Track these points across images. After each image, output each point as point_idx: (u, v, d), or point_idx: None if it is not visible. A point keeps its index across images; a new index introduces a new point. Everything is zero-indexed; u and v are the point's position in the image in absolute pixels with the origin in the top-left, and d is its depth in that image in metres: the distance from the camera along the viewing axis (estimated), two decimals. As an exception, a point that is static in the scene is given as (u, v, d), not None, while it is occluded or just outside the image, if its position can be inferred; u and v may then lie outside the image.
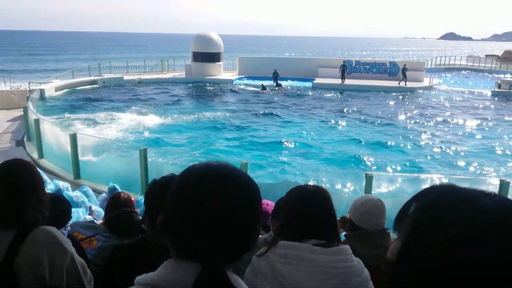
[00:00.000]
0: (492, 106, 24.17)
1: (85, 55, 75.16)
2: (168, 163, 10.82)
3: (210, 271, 0.92)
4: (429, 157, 14.01)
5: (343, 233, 2.62)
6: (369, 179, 7.78)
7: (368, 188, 7.70)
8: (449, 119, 19.96)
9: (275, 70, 29.09)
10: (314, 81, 29.61)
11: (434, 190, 0.77)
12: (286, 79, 30.24)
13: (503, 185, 6.86)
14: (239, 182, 0.98)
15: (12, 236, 1.78)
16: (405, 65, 29.59)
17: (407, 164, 13.09)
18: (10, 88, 22.13)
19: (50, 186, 7.32)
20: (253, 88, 27.76)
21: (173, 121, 18.24)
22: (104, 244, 2.63)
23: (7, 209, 1.81)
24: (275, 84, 28.67)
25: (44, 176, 8.26)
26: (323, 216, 1.80)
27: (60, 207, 2.54)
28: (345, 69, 29.34)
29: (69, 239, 2.08)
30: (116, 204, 3.07)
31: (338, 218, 1.98)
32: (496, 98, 26.49)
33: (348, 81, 29.01)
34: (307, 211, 1.80)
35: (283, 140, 15.53)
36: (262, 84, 27.54)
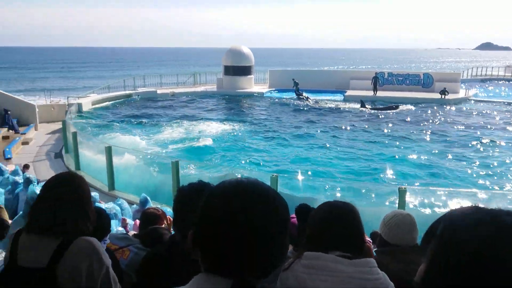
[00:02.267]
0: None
1: (122, 70, 77.47)
2: (199, 175, 10.95)
3: (242, 287, 0.94)
4: (468, 170, 13.59)
5: (375, 249, 2.59)
6: (402, 193, 7.61)
7: (401, 202, 7.54)
8: (486, 132, 19.30)
9: (294, 80, 29.31)
10: (346, 94, 29.37)
11: (460, 211, 0.77)
12: (317, 92, 30.17)
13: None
14: (269, 199, 0.99)
15: (56, 245, 1.85)
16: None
17: (442, 178, 12.73)
18: (50, 102, 23.10)
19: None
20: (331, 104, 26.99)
21: (204, 134, 18.49)
22: (136, 256, 2.69)
23: (53, 220, 1.88)
24: (296, 95, 28.74)
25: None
26: (350, 230, 1.81)
27: (101, 221, 2.63)
28: (377, 81, 29.00)
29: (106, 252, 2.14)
30: (148, 219, 3.13)
31: (368, 233, 1.96)
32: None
33: (380, 93, 28.63)
34: (334, 224, 1.81)
35: (313, 154, 15.45)
36: (361, 100, 25.73)
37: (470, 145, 16.90)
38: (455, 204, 9.14)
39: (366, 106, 25.26)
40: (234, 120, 21.44)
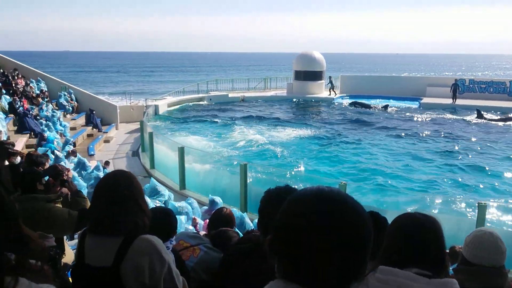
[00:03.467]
0: None
1: (198, 74, 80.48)
2: (267, 179, 11.03)
3: None
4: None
5: (452, 267, 2.42)
6: (481, 208, 7.12)
7: (481, 218, 7.04)
8: None
9: (329, 77, 30.32)
10: (421, 101, 28.03)
11: None
12: (390, 98, 29.12)
13: None
14: (350, 210, 0.96)
15: (119, 244, 1.93)
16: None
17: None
18: (130, 103, 24.61)
19: (161, 198, 7.90)
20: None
21: (273, 139, 18.59)
22: (206, 254, 2.76)
23: (110, 220, 1.95)
24: (329, 93, 29.57)
25: (159, 187, 8.98)
26: (431, 246, 1.69)
27: (168, 222, 2.73)
28: (457, 88, 27.34)
29: (171, 252, 2.20)
30: (218, 220, 3.20)
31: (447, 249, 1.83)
32: None
33: (460, 101, 26.94)
34: (414, 238, 1.71)
35: (385, 163, 14.91)
36: (477, 110, 23.93)
37: None
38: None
39: (485, 116, 23.22)
40: (303, 125, 21.32)
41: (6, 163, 5.03)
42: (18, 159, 5.65)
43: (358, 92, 30.42)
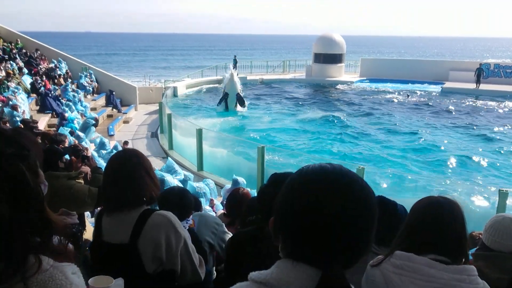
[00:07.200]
0: None
1: (218, 56, 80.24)
2: (284, 162, 11.03)
3: (333, 277, 0.91)
4: None
5: (471, 251, 2.38)
6: (503, 195, 7.00)
7: (502, 205, 6.94)
8: None
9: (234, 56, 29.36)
10: (444, 85, 27.42)
11: None
12: (412, 81, 28.59)
13: None
14: (354, 186, 0.93)
15: (135, 220, 1.95)
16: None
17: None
18: (149, 85, 24.77)
19: (178, 177, 7.99)
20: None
21: (291, 121, 18.52)
22: (201, 218, 2.94)
23: (122, 197, 1.98)
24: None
25: (176, 167, 9.08)
26: (449, 231, 1.64)
27: (186, 202, 2.78)
28: (482, 73, 26.60)
29: (186, 230, 2.23)
30: (235, 198, 3.25)
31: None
32: None
33: (484, 86, 26.23)
34: (432, 223, 1.66)
35: (404, 147, 14.71)
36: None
37: None
38: None
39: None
40: (321, 108, 21.12)
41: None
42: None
43: (379, 76, 29.91)
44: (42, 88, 15.46)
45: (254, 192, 7.28)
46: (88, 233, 3.17)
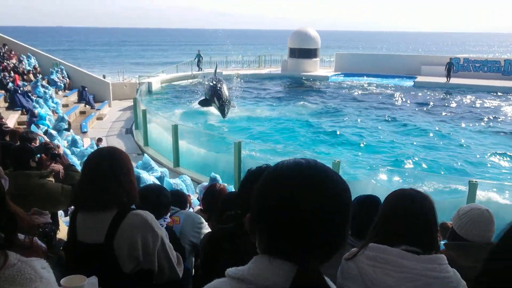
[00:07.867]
0: None
1: (194, 52, 79.47)
2: (261, 157, 11.06)
3: (308, 272, 0.92)
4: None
5: (442, 242, 2.45)
6: (472, 186, 7.22)
7: (471, 196, 7.15)
8: None
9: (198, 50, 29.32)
10: (416, 79, 28.00)
11: None
12: (386, 76, 29.05)
13: None
14: (328, 181, 0.94)
15: (110, 220, 1.92)
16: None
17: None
18: (123, 80, 24.34)
19: (155, 174, 7.92)
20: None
21: (266, 116, 18.54)
22: (187, 217, 3.00)
23: (94, 193, 1.94)
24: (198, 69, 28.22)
25: (152, 163, 8.98)
26: (420, 222, 1.68)
27: (163, 200, 2.76)
28: (452, 67, 27.30)
29: (164, 229, 2.20)
30: (211, 194, 3.25)
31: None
32: None
33: (454, 80, 26.93)
34: (404, 214, 1.70)
35: (378, 141, 14.98)
36: None
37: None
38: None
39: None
40: (297, 103, 21.25)
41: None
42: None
43: (353, 70, 30.25)
44: (11, 84, 14.99)
45: (231, 188, 7.30)
46: (62, 233, 3.11)
